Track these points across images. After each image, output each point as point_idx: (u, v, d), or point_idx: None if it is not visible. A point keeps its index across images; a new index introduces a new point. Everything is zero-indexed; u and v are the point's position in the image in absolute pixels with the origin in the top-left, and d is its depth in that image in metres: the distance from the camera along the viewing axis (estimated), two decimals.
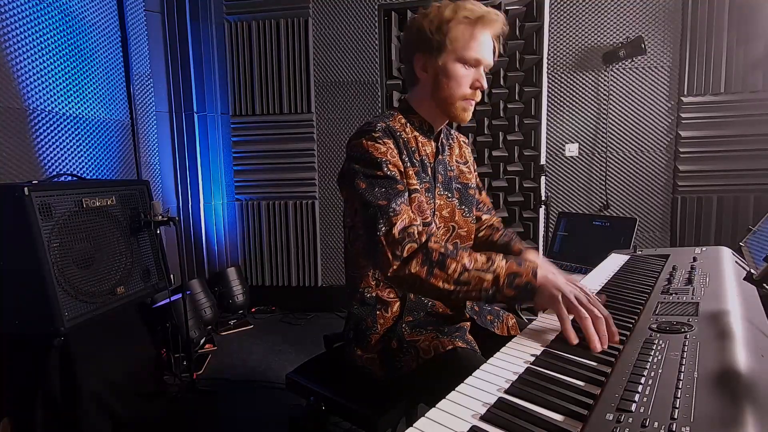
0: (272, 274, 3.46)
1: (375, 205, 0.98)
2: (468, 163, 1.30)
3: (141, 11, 2.76)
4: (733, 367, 0.56)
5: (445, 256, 0.93)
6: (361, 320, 1.15)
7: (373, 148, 1.02)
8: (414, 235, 0.95)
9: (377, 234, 0.96)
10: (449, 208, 1.18)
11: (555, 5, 2.90)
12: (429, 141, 1.16)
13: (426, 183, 1.12)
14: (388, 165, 1.02)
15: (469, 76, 1.06)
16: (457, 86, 1.06)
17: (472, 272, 0.91)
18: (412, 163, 1.09)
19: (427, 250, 0.94)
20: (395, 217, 0.96)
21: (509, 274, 0.90)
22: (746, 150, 2.78)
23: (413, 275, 0.93)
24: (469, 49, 1.04)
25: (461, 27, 1.03)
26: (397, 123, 1.12)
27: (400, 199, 0.99)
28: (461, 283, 0.92)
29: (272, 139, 3.32)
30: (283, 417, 2.02)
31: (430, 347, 1.05)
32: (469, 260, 0.93)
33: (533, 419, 0.57)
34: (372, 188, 1.00)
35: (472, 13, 1.03)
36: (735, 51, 2.73)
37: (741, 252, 1.37)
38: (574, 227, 2.36)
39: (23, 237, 1.54)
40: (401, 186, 1.02)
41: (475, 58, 1.05)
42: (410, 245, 0.94)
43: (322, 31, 3.20)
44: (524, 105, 2.87)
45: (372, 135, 1.03)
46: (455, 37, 1.03)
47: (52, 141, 2.19)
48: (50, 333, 1.57)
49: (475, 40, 1.04)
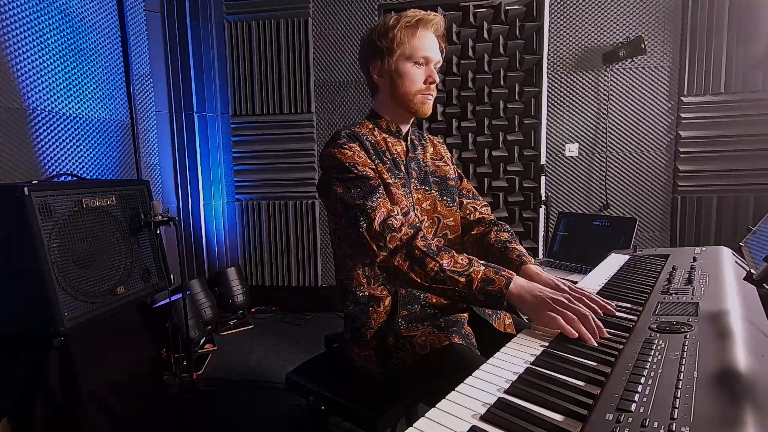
0: (272, 274, 3.46)
1: (353, 205, 1.06)
2: (444, 158, 1.35)
3: (141, 11, 2.76)
4: (733, 367, 0.56)
5: (425, 255, 1.00)
6: (356, 319, 1.18)
7: (340, 154, 1.11)
8: (393, 225, 1.03)
9: (360, 230, 1.04)
10: (429, 200, 1.24)
11: (555, 5, 2.90)
12: (399, 141, 1.24)
13: (401, 179, 1.18)
14: (357, 166, 1.10)
15: (420, 73, 1.16)
16: (411, 83, 1.16)
17: (447, 273, 0.98)
18: (383, 161, 1.16)
19: (411, 247, 1.02)
20: (373, 212, 1.04)
21: (483, 279, 0.96)
22: (746, 150, 2.78)
23: (396, 267, 1.02)
24: (414, 49, 1.14)
25: (404, 30, 1.14)
26: (364, 129, 1.20)
27: (375, 195, 1.06)
28: (436, 282, 0.99)
29: (272, 139, 3.32)
30: (283, 417, 2.02)
31: (426, 343, 1.07)
32: (448, 261, 0.99)
33: (533, 419, 0.57)
34: (348, 190, 1.08)
35: (412, 17, 1.14)
36: (735, 51, 2.73)
37: (741, 252, 1.37)
38: (574, 227, 2.36)
39: (23, 237, 1.53)
40: (375, 182, 1.09)
41: (422, 55, 1.15)
42: (391, 235, 1.02)
43: (322, 31, 3.20)
44: (524, 105, 2.87)
45: (337, 143, 1.12)
46: (400, 40, 1.14)
47: (52, 141, 2.19)
48: (50, 333, 1.57)
49: (418, 40, 1.14)
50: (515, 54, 2.86)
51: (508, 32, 2.87)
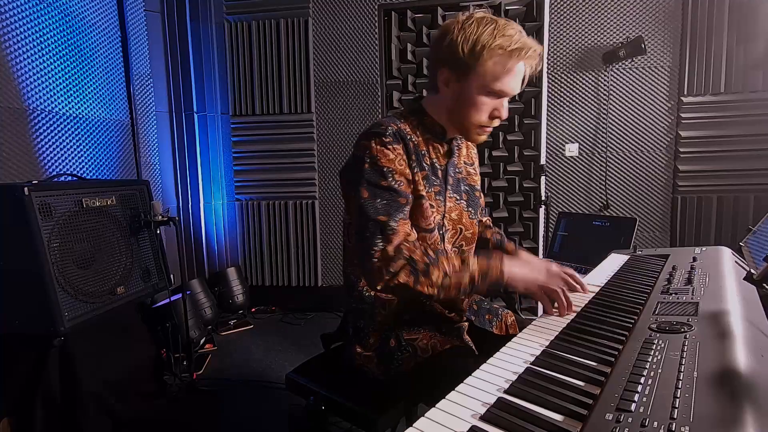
0: (272, 274, 3.46)
1: (375, 219, 0.99)
2: (474, 165, 1.29)
3: (141, 11, 2.76)
4: (733, 367, 0.56)
5: (428, 265, 0.98)
6: (359, 318, 1.16)
7: (381, 153, 1.00)
8: (404, 252, 0.99)
9: (373, 249, 0.98)
10: (458, 211, 1.18)
11: (555, 5, 2.90)
12: (441, 144, 1.14)
13: (436, 186, 1.11)
14: (394, 174, 1.01)
15: (489, 105, 1.03)
16: (476, 113, 1.03)
17: (452, 277, 0.99)
18: (421, 167, 1.07)
19: (413, 261, 0.98)
20: (393, 235, 0.98)
21: (481, 273, 1.01)
22: (746, 150, 2.77)
23: (402, 284, 0.98)
24: (497, 82, 0.99)
25: (496, 58, 0.97)
26: (408, 125, 1.09)
27: (399, 215, 1.00)
28: (444, 287, 0.99)
29: (272, 139, 3.32)
30: (283, 417, 2.02)
31: (428, 346, 1.06)
32: (448, 266, 1.00)
33: (533, 419, 0.57)
34: (374, 199, 1.00)
35: (509, 42, 0.96)
36: (735, 51, 2.73)
37: (741, 252, 1.37)
38: (574, 227, 2.36)
39: (23, 237, 1.53)
40: (403, 199, 1.02)
41: (501, 89, 1.01)
42: (400, 261, 0.98)
43: (322, 31, 3.20)
44: (524, 105, 2.87)
45: (383, 139, 1.01)
46: (487, 67, 0.97)
47: (52, 141, 2.19)
48: (50, 333, 1.57)
49: (507, 74, 0.99)
50: None
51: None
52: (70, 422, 1.65)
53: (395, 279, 0.98)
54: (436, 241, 1.11)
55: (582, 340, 0.78)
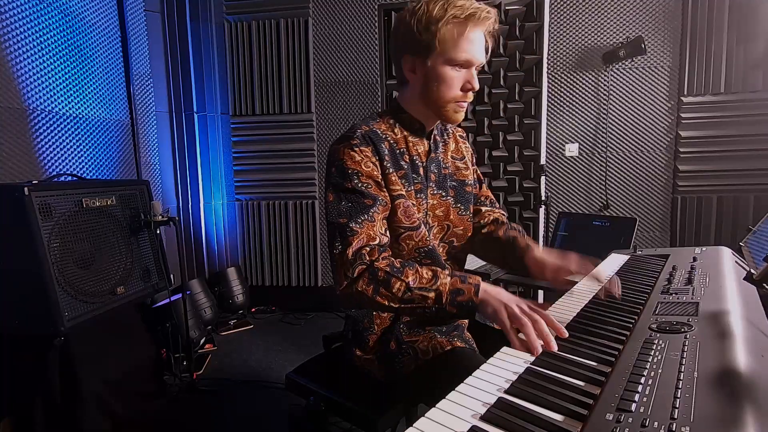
0: (272, 274, 3.46)
1: (336, 222, 0.98)
2: (464, 159, 1.25)
3: (141, 11, 2.76)
4: (733, 367, 0.56)
5: (390, 276, 0.92)
6: (358, 321, 1.15)
7: (348, 156, 1.00)
8: (365, 257, 0.95)
9: (333, 252, 0.97)
10: (443, 207, 1.16)
11: (555, 5, 2.90)
12: (421, 140, 1.13)
13: (417, 184, 1.09)
14: (359, 176, 1.00)
15: (459, 78, 1.02)
16: (447, 89, 1.02)
17: (415, 291, 0.91)
18: (399, 166, 1.06)
19: (373, 270, 0.94)
20: (352, 237, 0.95)
21: (452, 291, 0.91)
22: (746, 150, 2.77)
23: (360, 293, 0.94)
24: (459, 50, 0.99)
25: (450, 26, 0.97)
26: (383, 125, 1.09)
27: (362, 217, 0.97)
28: (405, 302, 0.92)
29: (272, 139, 3.32)
30: (283, 417, 2.02)
31: (429, 348, 1.06)
32: (413, 278, 0.92)
33: (533, 419, 0.57)
34: (338, 202, 0.99)
35: (462, 11, 0.97)
36: (735, 51, 2.73)
37: (741, 252, 1.37)
38: (574, 227, 2.36)
39: (23, 237, 1.53)
40: (369, 200, 0.99)
41: (466, 59, 1.00)
42: (360, 267, 0.94)
43: (322, 31, 3.20)
44: (524, 105, 2.87)
45: (350, 142, 1.01)
46: (444, 38, 0.97)
47: (52, 141, 2.19)
48: (50, 333, 1.57)
49: (465, 40, 0.98)
50: (515, 54, 2.85)
51: (508, 32, 2.86)
52: (70, 422, 1.65)
53: (353, 286, 0.94)
54: (424, 237, 1.09)
55: (582, 340, 0.78)
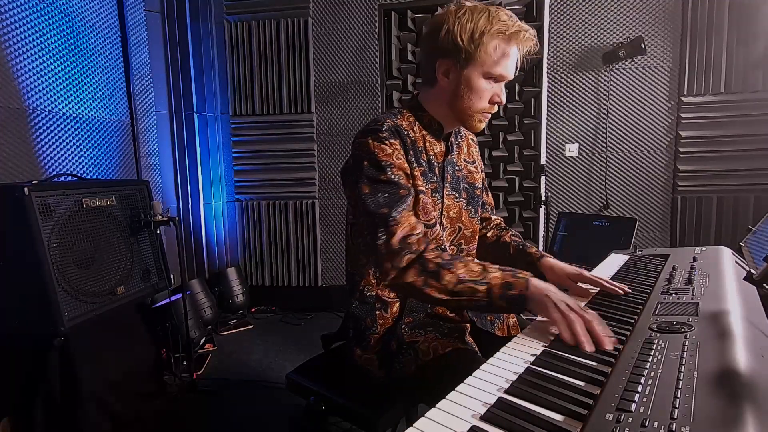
0: (272, 274, 3.46)
1: (376, 213, 0.99)
2: (475, 163, 1.28)
3: (141, 11, 2.76)
4: (733, 367, 0.56)
5: (440, 267, 0.94)
6: (360, 319, 1.15)
7: (379, 149, 1.01)
8: (413, 245, 0.96)
9: (377, 242, 0.98)
10: (456, 209, 1.18)
11: (555, 5, 2.90)
12: (438, 141, 1.15)
13: (433, 183, 1.11)
14: (392, 168, 1.01)
15: (490, 90, 1.05)
16: (478, 100, 1.05)
17: (466, 283, 0.93)
18: (419, 163, 1.08)
19: (423, 261, 0.95)
20: (395, 226, 0.97)
21: (503, 285, 0.92)
22: (746, 150, 2.77)
23: (410, 284, 0.95)
24: (498, 65, 1.01)
25: (495, 42, 0.99)
26: (405, 121, 1.10)
27: (401, 206, 0.99)
28: (455, 294, 0.93)
29: (272, 139, 3.32)
30: (283, 417, 2.02)
31: (429, 349, 1.05)
32: (464, 271, 0.94)
33: (533, 419, 0.57)
34: (375, 193, 1.00)
35: (506, 27, 0.99)
36: (735, 51, 2.72)
37: (741, 252, 1.37)
38: (574, 227, 2.36)
39: (23, 237, 1.53)
40: (404, 191, 1.01)
41: (502, 74, 1.03)
42: (408, 256, 0.95)
43: (322, 31, 3.20)
44: (524, 105, 2.87)
45: (378, 135, 1.02)
46: (488, 52, 0.99)
47: (52, 141, 2.19)
48: (50, 333, 1.57)
49: (505, 57, 1.01)
50: None
51: None
52: (70, 422, 1.65)
53: (402, 277, 0.95)
54: (438, 236, 1.11)
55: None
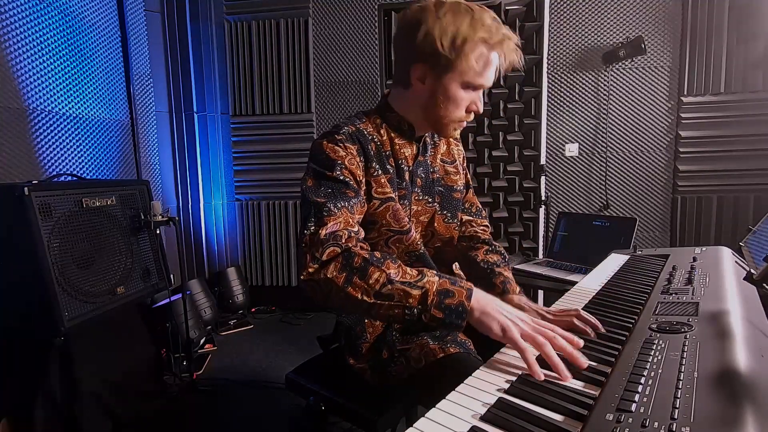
0: (272, 274, 3.46)
1: (312, 201, 0.90)
2: (455, 163, 1.19)
3: (141, 11, 2.76)
4: (733, 367, 0.56)
5: (368, 264, 0.81)
6: (350, 328, 1.12)
7: (331, 149, 0.96)
8: (342, 239, 0.85)
9: (304, 232, 0.87)
10: (428, 214, 1.12)
11: (555, 5, 2.90)
12: (409, 142, 1.08)
13: (402, 189, 1.05)
14: (342, 168, 0.94)
15: (467, 99, 0.98)
16: (455, 109, 0.98)
17: (396, 285, 0.80)
18: (385, 170, 1.02)
19: (349, 254, 0.83)
20: (328, 217, 0.87)
21: (440, 291, 0.79)
22: (746, 150, 2.77)
23: (328, 280, 0.82)
24: (478, 76, 0.94)
25: (478, 51, 0.91)
26: (370, 125, 1.05)
27: (342, 203, 0.91)
28: (382, 297, 0.80)
29: (272, 139, 3.32)
30: (283, 417, 2.02)
31: (421, 356, 0.99)
32: (396, 271, 0.82)
33: (533, 419, 0.57)
34: (318, 187, 0.93)
35: (490, 35, 0.90)
36: (735, 51, 2.73)
37: (741, 252, 1.37)
38: (574, 227, 2.36)
39: (23, 237, 1.53)
40: (351, 192, 0.94)
41: (481, 83, 0.96)
42: (333, 248, 0.84)
43: (322, 31, 3.20)
44: (524, 105, 2.86)
45: (334, 137, 0.97)
46: (469, 62, 0.91)
47: (52, 141, 2.19)
48: (50, 333, 1.57)
49: (488, 67, 0.94)
50: None
51: None
52: (70, 422, 1.65)
53: (321, 271, 0.83)
54: (414, 241, 1.06)
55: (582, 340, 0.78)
